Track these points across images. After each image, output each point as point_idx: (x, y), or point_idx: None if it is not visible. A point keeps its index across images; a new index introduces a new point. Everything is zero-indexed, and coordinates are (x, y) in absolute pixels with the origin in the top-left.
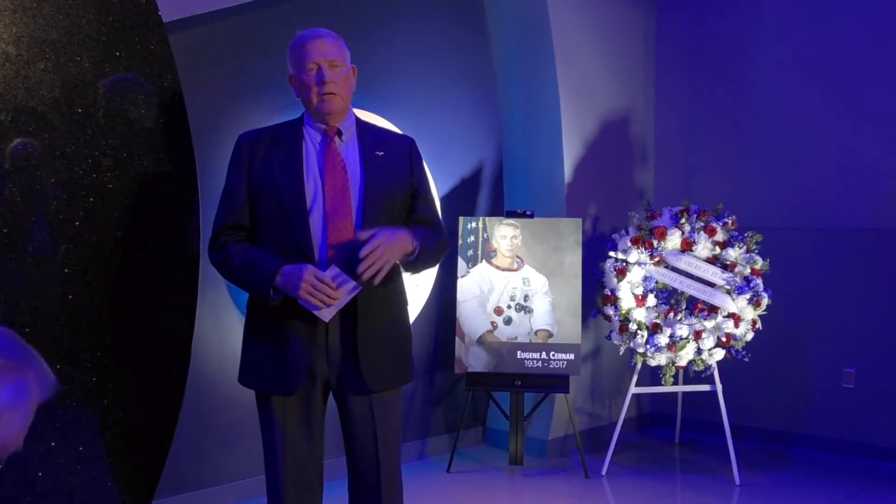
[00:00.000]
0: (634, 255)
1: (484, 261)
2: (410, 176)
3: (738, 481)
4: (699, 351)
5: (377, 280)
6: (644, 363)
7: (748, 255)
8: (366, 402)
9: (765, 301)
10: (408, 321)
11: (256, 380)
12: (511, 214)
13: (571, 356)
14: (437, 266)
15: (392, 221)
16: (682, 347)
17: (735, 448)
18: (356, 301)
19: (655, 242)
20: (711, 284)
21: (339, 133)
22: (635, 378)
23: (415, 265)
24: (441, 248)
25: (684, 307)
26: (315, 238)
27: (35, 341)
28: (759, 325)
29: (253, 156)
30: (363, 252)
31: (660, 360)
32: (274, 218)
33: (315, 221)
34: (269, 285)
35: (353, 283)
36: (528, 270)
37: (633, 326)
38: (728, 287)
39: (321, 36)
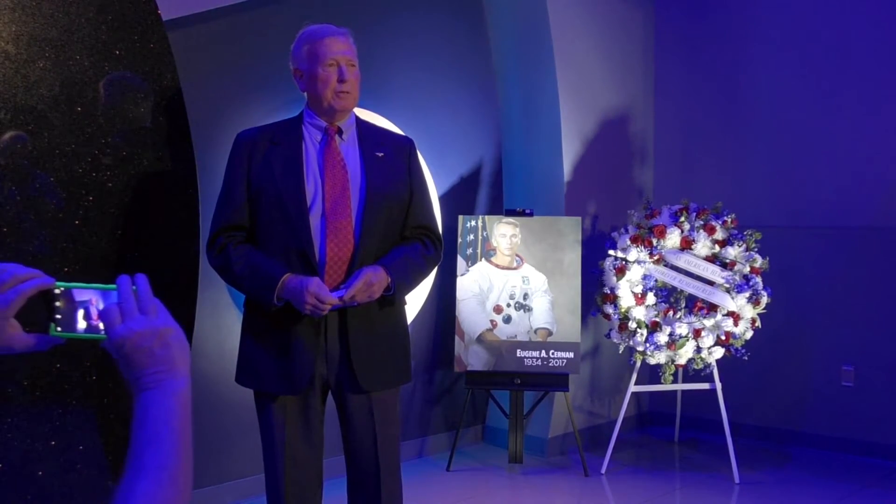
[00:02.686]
0: (634, 253)
1: (483, 259)
2: (408, 178)
3: (737, 479)
4: (698, 349)
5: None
6: (643, 361)
7: (747, 253)
8: (364, 402)
9: (764, 299)
10: (405, 321)
11: (258, 380)
12: (510, 213)
13: (571, 354)
14: (436, 265)
15: (390, 223)
16: (682, 346)
17: (734, 446)
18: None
19: (655, 241)
20: (711, 283)
21: (340, 132)
22: (635, 376)
23: (394, 297)
24: (429, 261)
25: (684, 305)
26: (315, 238)
27: None
28: (758, 323)
29: (252, 155)
30: (346, 295)
31: (659, 358)
32: (274, 218)
33: (314, 221)
34: (272, 294)
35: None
36: (527, 269)
37: (632, 325)
38: (727, 285)
39: (339, 33)
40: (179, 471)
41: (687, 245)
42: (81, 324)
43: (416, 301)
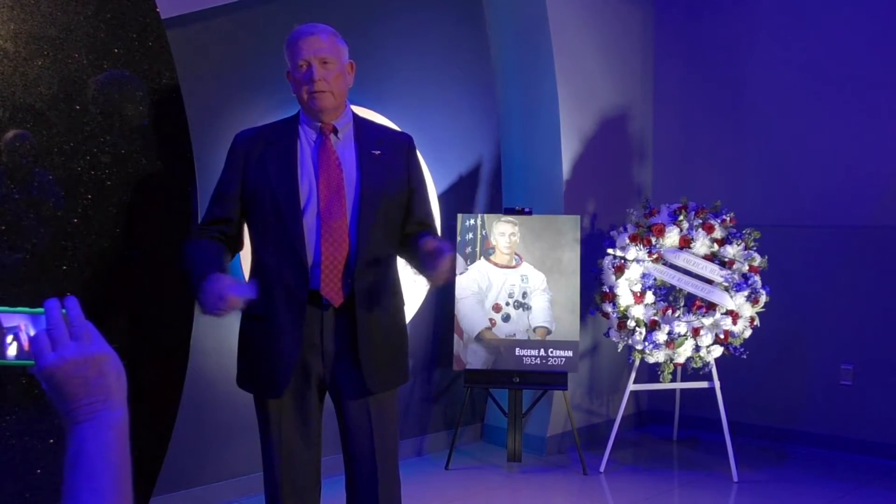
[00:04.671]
0: (633, 252)
1: (482, 258)
2: (407, 176)
3: (735, 478)
4: (697, 348)
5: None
6: (642, 360)
7: (746, 252)
8: (362, 401)
9: (763, 298)
10: (404, 321)
11: (250, 383)
12: (509, 211)
13: (570, 353)
14: None
15: (387, 222)
16: (681, 344)
17: (733, 445)
18: (353, 302)
19: (654, 239)
20: (710, 281)
21: (335, 131)
22: (633, 375)
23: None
24: None
25: (682, 304)
26: (308, 238)
27: None
28: (756, 322)
29: (248, 155)
30: (434, 264)
31: (658, 357)
32: (268, 218)
33: (309, 221)
34: (196, 293)
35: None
36: (526, 267)
37: (631, 323)
38: (726, 284)
39: (315, 32)
40: None
41: (686, 244)
42: (12, 350)
43: (415, 299)
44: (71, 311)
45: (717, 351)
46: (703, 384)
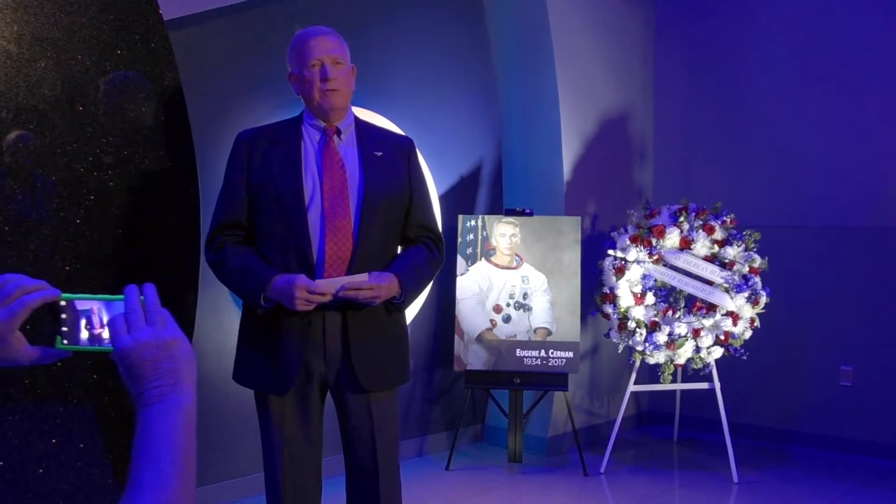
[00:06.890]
0: (633, 253)
1: (483, 259)
2: (408, 178)
3: (735, 479)
4: (697, 349)
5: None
6: (643, 361)
7: (747, 253)
8: (364, 401)
9: (763, 299)
10: (405, 322)
11: (251, 378)
12: (510, 212)
13: (570, 354)
14: (440, 268)
15: (389, 222)
16: (681, 345)
17: (733, 445)
18: (353, 301)
19: (654, 240)
20: (710, 283)
21: (339, 132)
22: (634, 376)
23: (402, 305)
24: (434, 267)
25: (683, 305)
26: (313, 237)
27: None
28: (757, 323)
29: (252, 154)
30: (346, 286)
31: (658, 358)
32: (272, 217)
33: (313, 220)
34: (260, 294)
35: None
36: (527, 268)
37: (631, 324)
38: (726, 285)
39: (324, 33)
40: (180, 494)
41: (686, 245)
42: (84, 334)
43: (415, 300)
44: (148, 298)
45: (718, 352)
46: (704, 385)
